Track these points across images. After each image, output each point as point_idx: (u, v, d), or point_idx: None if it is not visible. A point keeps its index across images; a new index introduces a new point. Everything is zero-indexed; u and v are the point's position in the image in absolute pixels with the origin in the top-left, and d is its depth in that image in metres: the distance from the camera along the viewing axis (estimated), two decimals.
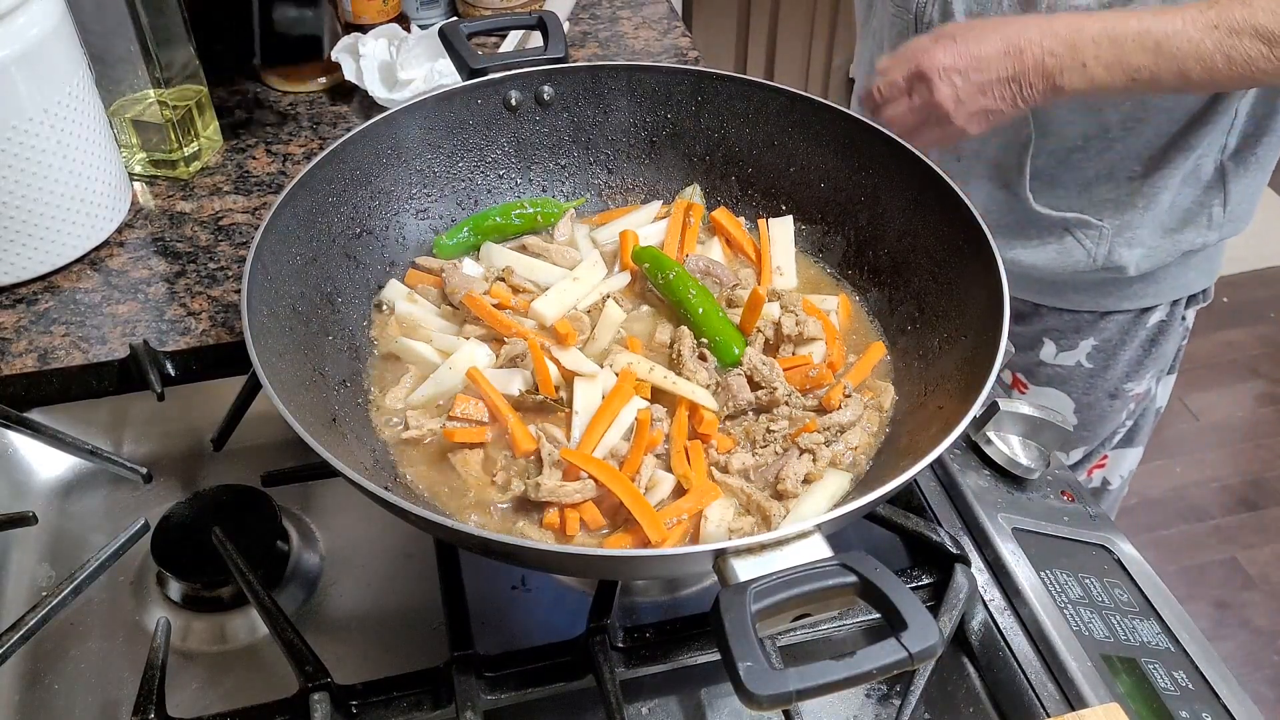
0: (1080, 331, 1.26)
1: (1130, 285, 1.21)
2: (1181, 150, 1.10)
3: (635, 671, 0.73)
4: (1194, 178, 1.13)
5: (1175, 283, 1.22)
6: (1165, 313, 1.25)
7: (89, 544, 0.86)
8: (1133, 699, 0.71)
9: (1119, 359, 1.27)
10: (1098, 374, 1.29)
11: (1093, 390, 1.30)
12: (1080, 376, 1.30)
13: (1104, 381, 1.29)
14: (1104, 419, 1.34)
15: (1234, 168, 1.13)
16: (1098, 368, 1.28)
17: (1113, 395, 1.31)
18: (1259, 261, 3.11)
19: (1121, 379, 1.29)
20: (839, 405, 0.80)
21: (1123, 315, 1.24)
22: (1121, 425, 1.36)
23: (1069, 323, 1.26)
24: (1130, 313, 1.24)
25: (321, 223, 0.85)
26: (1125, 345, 1.26)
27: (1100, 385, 1.30)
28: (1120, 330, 1.25)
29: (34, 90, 0.96)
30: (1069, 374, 1.30)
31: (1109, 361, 1.28)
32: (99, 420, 0.93)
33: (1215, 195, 1.15)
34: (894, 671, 0.51)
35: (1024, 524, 0.84)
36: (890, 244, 0.90)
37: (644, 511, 0.71)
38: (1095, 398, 1.30)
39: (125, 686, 0.76)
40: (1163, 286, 1.22)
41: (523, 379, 0.81)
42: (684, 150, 0.99)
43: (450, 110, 0.93)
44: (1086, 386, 1.30)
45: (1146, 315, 1.24)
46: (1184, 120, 1.08)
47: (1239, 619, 2.25)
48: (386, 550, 0.85)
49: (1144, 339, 1.26)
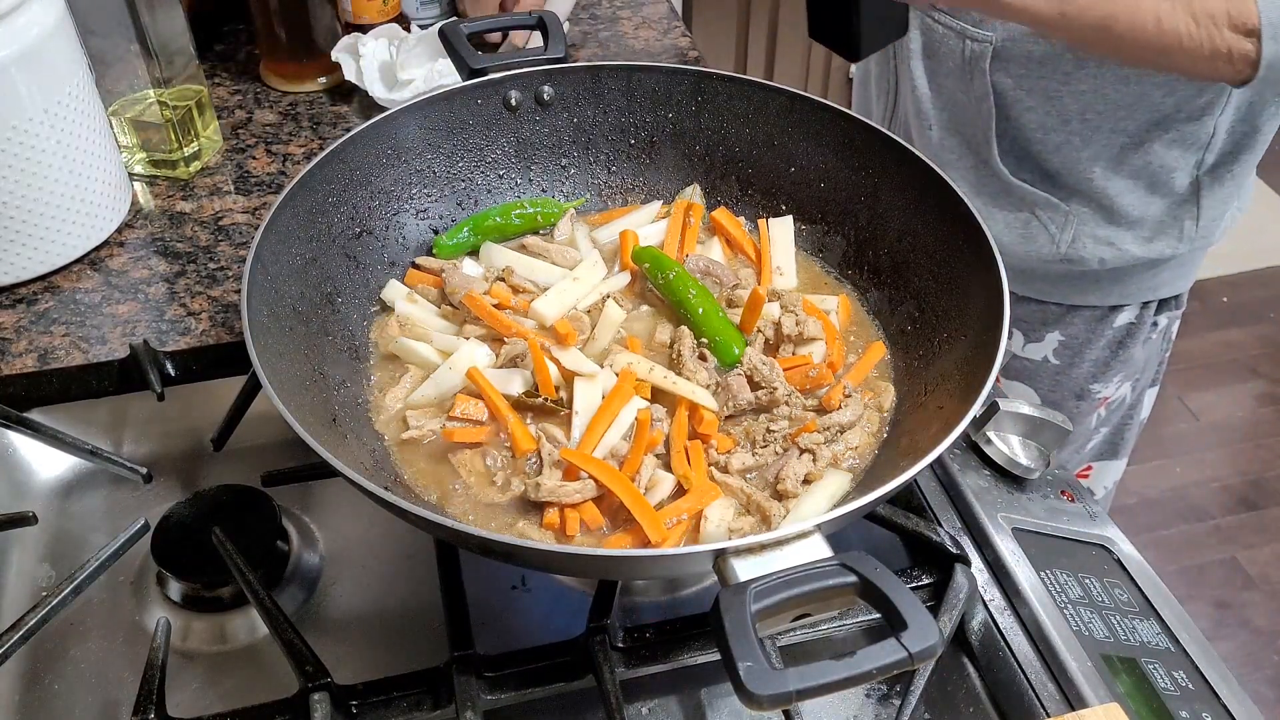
0: (1047, 324, 1.27)
1: (1096, 281, 1.21)
2: (1143, 158, 1.10)
3: (635, 671, 0.73)
4: (1166, 189, 1.13)
5: (1143, 285, 1.23)
6: (1134, 315, 1.25)
7: (89, 544, 0.86)
8: (1133, 699, 0.71)
9: (1084, 357, 1.28)
10: (1063, 371, 1.29)
11: (1059, 388, 1.31)
12: (1047, 373, 1.30)
13: (1069, 380, 1.30)
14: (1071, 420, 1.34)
15: (1209, 183, 1.14)
16: (1064, 364, 1.29)
17: (1079, 396, 1.31)
18: (1259, 261, 3.11)
19: (1088, 378, 1.29)
20: (839, 405, 0.80)
21: (1089, 311, 1.25)
22: (1095, 432, 1.36)
23: (1035, 313, 1.27)
24: (1097, 310, 1.24)
25: (321, 223, 0.85)
26: (1091, 343, 1.27)
27: (1066, 384, 1.30)
28: (1087, 327, 1.26)
29: (34, 90, 0.96)
30: (1036, 369, 1.31)
31: (1074, 359, 1.28)
32: (99, 420, 0.93)
33: (1189, 209, 1.15)
34: (894, 671, 0.51)
35: (1024, 524, 0.84)
36: (890, 244, 0.90)
37: (644, 511, 0.71)
38: (1061, 396, 1.31)
39: (125, 686, 0.76)
40: (1129, 288, 1.22)
41: (523, 379, 0.81)
42: (684, 150, 0.99)
43: (450, 110, 0.93)
44: (1053, 384, 1.31)
45: (1114, 314, 1.25)
46: (1145, 124, 1.09)
47: (1239, 619, 2.25)
48: (386, 550, 0.85)
49: (1111, 339, 1.27)
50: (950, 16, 1.09)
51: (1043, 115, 1.10)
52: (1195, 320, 1.31)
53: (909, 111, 1.21)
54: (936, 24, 1.12)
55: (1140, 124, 1.09)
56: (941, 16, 1.10)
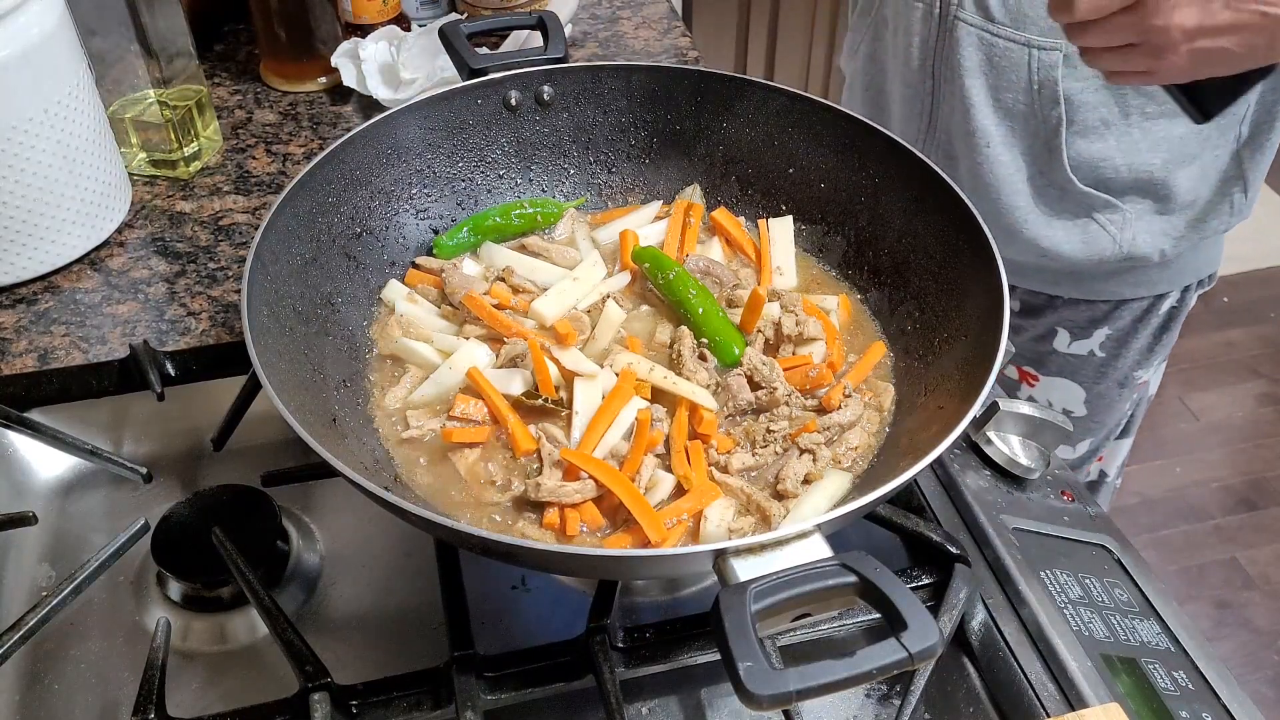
0: (1096, 322, 1.27)
1: (1148, 271, 1.22)
2: (1197, 141, 1.10)
3: (635, 671, 0.73)
4: (1214, 169, 1.14)
5: (1189, 266, 1.23)
6: (1177, 299, 1.26)
7: (89, 544, 0.86)
8: (1133, 699, 0.71)
9: (1131, 347, 1.28)
10: (1109, 362, 1.29)
11: (1104, 379, 1.31)
12: (1092, 366, 1.30)
13: (1115, 370, 1.30)
14: (1112, 407, 1.34)
15: (1249, 155, 1.14)
16: (1109, 356, 1.29)
17: (1122, 384, 1.31)
18: (1259, 261, 3.11)
19: (1132, 366, 1.30)
20: (839, 405, 0.80)
21: (1137, 303, 1.25)
22: (1125, 414, 1.37)
23: (1084, 313, 1.27)
24: (1145, 299, 1.25)
25: (321, 223, 0.85)
26: (1138, 333, 1.27)
27: (1111, 374, 1.30)
28: (1134, 318, 1.26)
29: (34, 90, 0.96)
30: (1081, 363, 1.30)
31: (1121, 350, 1.28)
32: (99, 420, 0.93)
33: (1236, 183, 1.15)
34: (894, 671, 0.51)
35: (1024, 524, 0.84)
36: (890, 244, 0.90)
37: (644, 511, 0.71)
38: (1106, 386, 1.31)
39: (125, 686, 0.76)
40: (1177, 272, 1.23)
41: (523, 379, 0.81)
42: (684, 150, 0.99)
43: (450, 110, 0.93)
44: (1098, 375, 1.31)
45: (1160, 302, 1.25)
46: None
47: (1239, 619, 2.25)
48: (386, 550, 0.85)
49: (1156, 326, 1.27)
50: (1014, 30, 1.07)
51: (1108, 114, 1.09)
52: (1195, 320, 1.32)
53: (955, 131, 1.17)
54: (998, 39, 1.09)
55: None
56: (1004, 30, 1.08)
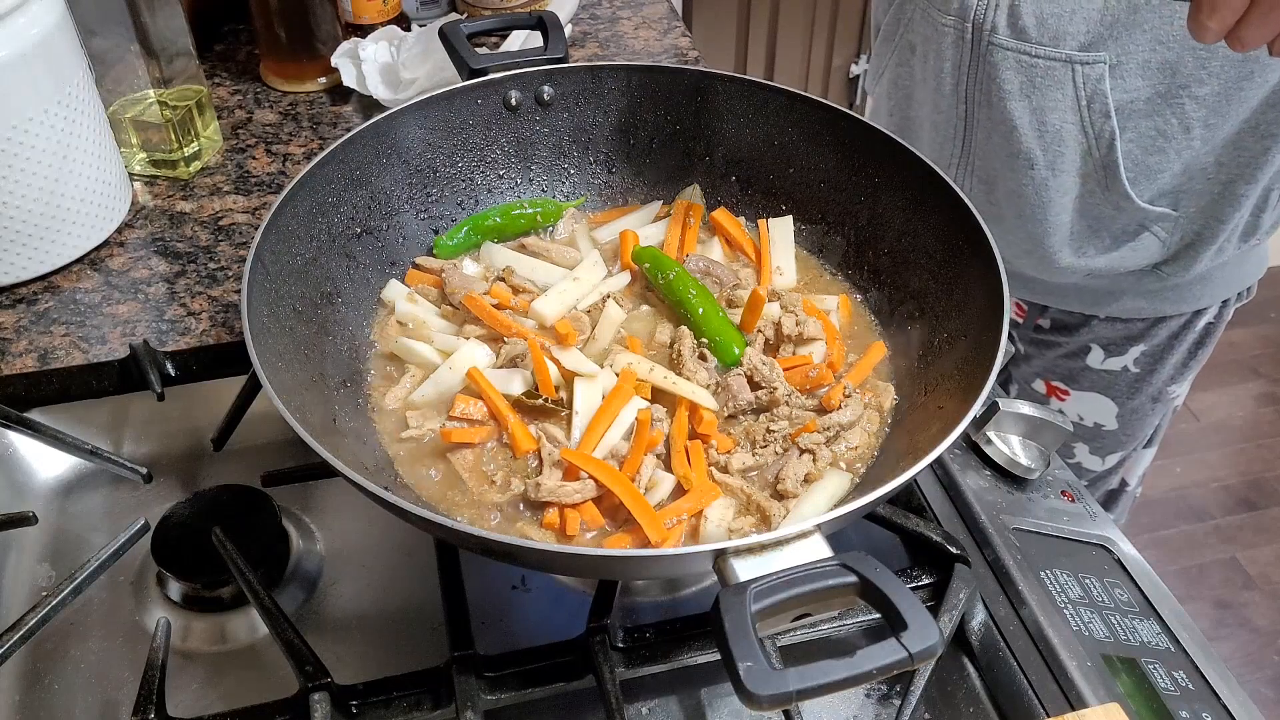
0: (1131, 340, 1.25)
1: (1189, 287, 1.19)
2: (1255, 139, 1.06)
3: (635, 671, 0.73)
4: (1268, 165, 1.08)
5: (1231, 278, 1.20)
6: (1214, 314, 1.23)
7: (89, 544, 0.85)
8: (1133, 699, 0.71)
9: (1167, 362, 1.26)
10: (1143, 378, 1.27)
11: (1138, 394, 1.29)
12: (1126, 381, 1.28)
13: (1149, 386, 1.28)
14: (1144, 421, 1.32)
15: None
16: (1144, 372, 1.27)
17: (1155, 399, 1.29)
18: None
19: (1166, 381, 1.28)
20: (839, 405, 0.80)
21: (1174, 320, 1.22)
22: (1153, 426, 1.35)
23: (1120, 330, 1.25)
24: (1183, 316, 1.22)
25: (321, 223, 0.85)
26: (1174, 349, 1.25)
27: (1145, 389, 1.28)
28: (1171, 334, 1.24)
29: (34, 90, 0.96)
30: (1114, 379, 1.28)
31: (1156, 365, 1.26)
32: (99, 420, 0.93)
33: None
34: (894, 671, 0.51)
35: (1024, 524, 0.84)
36: (890, 244, 0.90)
37: (644, 511, 0.71)
38: (1139, 402, 1.29)
39: (125, 686, 0.76)
40: (1216, 286, 1.20)
41: (523, 379, 0.81)
42: (684, 150, 0.99)
43: (450, 110, 0.93)
44: (1131, 391, 1.29)
45: (1198, 317, 1.23)
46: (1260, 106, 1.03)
47: (1239, 619, 2.25)
48: (386, 550, 0.85)
49: (1192, 342, 1.25)
50: (1053, 47, 1.05)
51: (1162, 122, 1.06)
52: None
53: (995, 154, 1.15)
54: (1038, 59, 1.06)
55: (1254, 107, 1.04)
56: (1042, 49, 1.05)
